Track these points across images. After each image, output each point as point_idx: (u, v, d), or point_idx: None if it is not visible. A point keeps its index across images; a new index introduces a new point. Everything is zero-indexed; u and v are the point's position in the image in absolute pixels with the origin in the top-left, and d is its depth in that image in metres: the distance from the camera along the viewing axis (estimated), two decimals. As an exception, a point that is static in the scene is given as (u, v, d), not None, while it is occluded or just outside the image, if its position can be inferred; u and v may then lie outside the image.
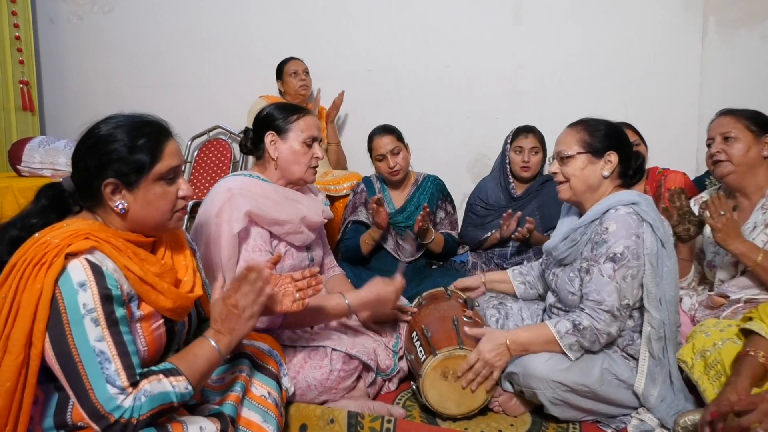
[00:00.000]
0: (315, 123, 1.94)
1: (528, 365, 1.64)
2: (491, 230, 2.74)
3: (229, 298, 1.29)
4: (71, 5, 3.99)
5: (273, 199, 1.84)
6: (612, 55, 3.15)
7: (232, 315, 1.28)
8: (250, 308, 1.30)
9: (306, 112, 1.93)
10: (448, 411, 1.71)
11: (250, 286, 1.30)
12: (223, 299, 1.30)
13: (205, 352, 1.25)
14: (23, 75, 3.75)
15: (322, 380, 1.73)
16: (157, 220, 1.29)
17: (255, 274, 1.30)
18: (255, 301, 1.31)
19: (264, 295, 1.32)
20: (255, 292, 1.30)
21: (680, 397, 1.64)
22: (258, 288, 1.31)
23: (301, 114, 1.90)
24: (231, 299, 1.29)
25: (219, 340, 1.26)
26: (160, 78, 3.90)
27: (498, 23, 3.32)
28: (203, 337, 1.27)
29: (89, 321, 1.10)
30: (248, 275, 1.30)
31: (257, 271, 1.30)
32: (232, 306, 1.28)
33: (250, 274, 1.30)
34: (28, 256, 1.10)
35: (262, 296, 1.32)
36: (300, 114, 1.90)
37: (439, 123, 3.46)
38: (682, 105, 3.07)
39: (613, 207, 1.66)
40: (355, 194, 2.80)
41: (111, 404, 1.08)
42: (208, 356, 1.24)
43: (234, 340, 1.29)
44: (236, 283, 1.30)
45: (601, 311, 1.61)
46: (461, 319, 1.81)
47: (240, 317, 1.29)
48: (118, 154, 1.21)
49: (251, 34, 3.70)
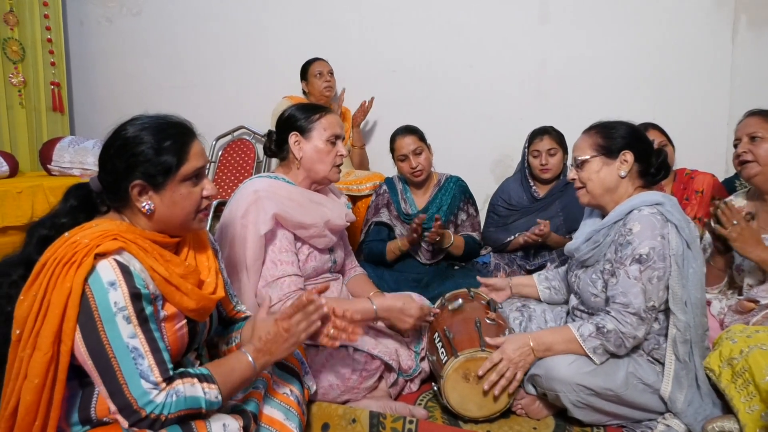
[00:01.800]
0: (337, 121, 1.95)
1: (551, 368, 1.62)
2: (514, 232, 2.72)
3: (283, 321, 1.33)
4: (101, 8, 4.07)
5: (298, 202, 1.85)
6: (640, 54, 3.10)
7: (279, 338, 1.32)
8: (296, 336, 1.34)
9: (327, 110, 1.94)
10: (469, 413, 1.70)
11: (304, 317, 1.35)
12: (276, 321, 1.34)
13: (242, 367, 1.28)
14: (54, 76, 3.83)
15: (343, 379, 1.74)
16: (182, 220, 1.31)
17: (313, 307, 1.35)
18: (304, 331, 1.35)
19: (315, 328, 1.37)
20: (307, 323, 1.35)
21: (708, 402, 1.61)
22: (312, 321, 1.36)
23: (323, 113, 1.91)
24: (284, 323, 1.33)
25: (257, 359, 1.30)
26: (187, 79, 3.96)
27: (523, 23, 3.29)
28: (243, 352, 1.30)
29: (121, 318, 1.12)
30: (307, 306, 1.34)
31: (316, 305, 1.35)
32: (283, 330, 1.32)
33: (309, 307, 1.35)
34: (58, 255, 1.12)
35: (312, 328, 1.36)
36: (322, 113, 1.91)
37: (462, 123, 3.45)
38: (712, 105, 3.01)
39: (637, 208, 1.64)
40: (378, 195, 2.80)
41: (144, 399, 1.11)
42: (243, 371, 1.28)
43: (271, 361, 1.33)
44: (292, 310, 1.34)
45: (627, 314, 1.58)
46: (484, 320, 1.80)
47: (285, 342, 1.33)
48: (145, 156, 1.23)
49: (276, 35, 3.73)
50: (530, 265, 2.65)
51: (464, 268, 2.70)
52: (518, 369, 1.65)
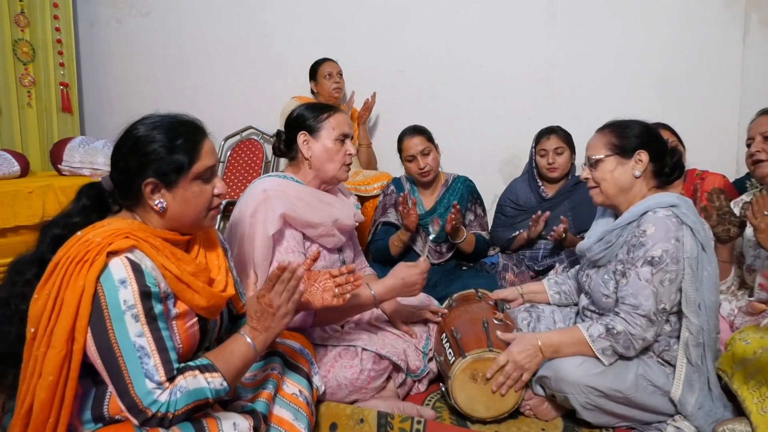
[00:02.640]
0: (346, 120, 1.95)
1: (560, 369, 1.61)
2: (518, 230, 2.72)
3: (263, 297, 1.31)
4: (110, 9, 4.09)
5: (307, 202, 1.85)
6: (649, 54, 3.08)
7: (266, 313, 1.30)
8: (284, 306, 1.31)
9: (336, 109, 1.94)
10: (477, 414, 1.70)
11: (283, 285, 1.31)
12: (258, 298, 1.32)
13: (241, 348, 1.27)
14: (63, 77, 3.85)
15: (352, 380, 1.74)
16: (194, 218, 1.32)
17: (288, 274, 1.31)
18: (289, 300, 1.32)
19: (298, 293, 1.33)
20: (289, 291, 1.32)
21: (719, 405, 1.60)
22: (291, 287, 1.32)
23: (331, 112, 1.92)
24: (265, 298, 1.31)
25: (255, 338, 1.28)
26: (195, 79, 3.97)
27: (531, 23, 3.28)
28: (239, 334, 1.29)
29: (129, 317, 1.13)
30: (281, 275, 1.31)
31: (290, 270, 1.31)
32: (266, 305, 1.30)
33: (284, 274, 1.31)
34: (71, 254, 1.13)
35: (296, 294, 1.33)
36: (330, 112, 1.91)
37: (470, 124, 3.44)
38: (723, 105, 2.98)
39: (652, 209, 1.62)
40: (385, 195, 2.80)
41: (148, 399, 1.11)
42: (243, 353, 1.26)
43: (269, 337, 1.31)
44: (269, 283, 1.32)
45: (637, 316, 1.58)
46: (491, 321, 1.80)
47: (274, 315, 1.30)
48: (157, 154, 1.24)
49: (284, 35, 3.74)
50: (539, 266, 2.64)
51: (472, 269, 2.70)
52: (524, 370, 1.65)
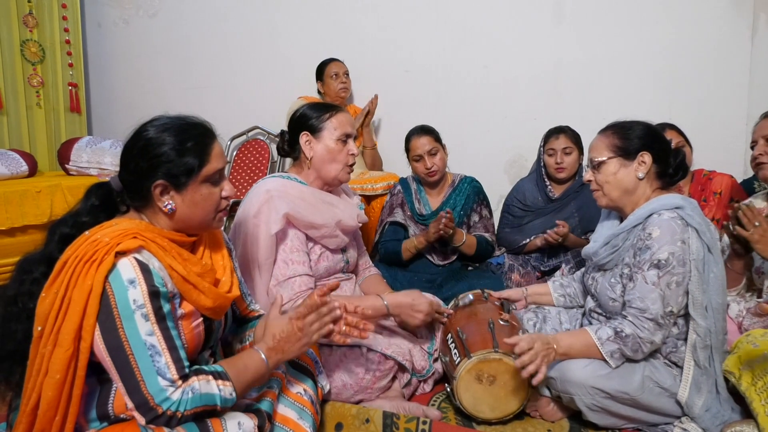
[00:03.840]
0: (348, 120, 1.94)
1: (566, 370, 1.61)
2: (529, 233, 2.71)
3: (297, 320, 1.34)
4: (117, 10, 4.11)
5: (310, 202, 1.86)
6: (656, 54, 3.07)
7: (292, 336, 1.33)
8: (309, 337, 1.35)
9: (339, 109, 1.93)
10: (482, 415, 1.70)
11: (318, 317, 1.35)
12: (290, 320, 1.34)
13: (255, 364, 1.29)
14: (72, 77, 3.88)
15: (357, 379, 1.74)
16: (202, 220, 1.32)
17: (326, 309, 1.36)
18: (316, 332, 1.36)
19: (327, 330, 1.37)
20: (320, 324, 1.36)
21: (726, 408, 1.59)
22: (325, 322, 1.36)
23: (333, 112, 1.91)
24: (299, 322, 1.33)
25: (270, 357, 1.31)
26: (202, 79, 3.99)
27: (538, 23, 3.27)
28: (255, 350, 1.31)
29: (139, 316, 1.14)
30: (321, 308, 1.35)
31: (330, 307, 1.36)
32: (297, 329, 1.33)
33: (323, 308, 1.35)
34: (79, 253, 1.14)
35: (324, 330, 1.37)
36: (333, 112, 1.91)
37: (476, 124, 3.43)
38: (730, 105, 2.97)
39: (656, 211, 1.61)
40: (392, 195, 2.80)
41: (161, 396, 1.12)
42: (256, 369, 1.29)
43: (283, 359, 1.34)
44: (306, 310, 1.35)
45: (644, 319, 1.57)
46: (497, 322, 1.79)
47: (298, 341, 1.34)
48: (167, 157, 1.24)
49: (290, 35, 3.75)
50: (544, 267, 2.64)
51: (478, 269, 2.69)
52: (543, 362, 1.54)
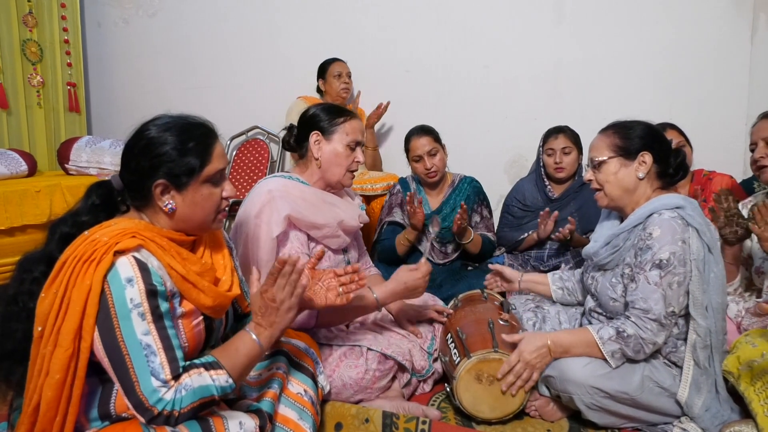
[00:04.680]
0: (360, 127, 1.95)
1: (565, 370, 1.61)
2: (528, 231, 2.71)
3: (266, 292, 1.30)
4: (117, 9, 4.11)
5: (312, 203, 1.86)
6: (656, 54, 3.07)
7: (270, 309, 1.29)
8: (288, 301, 1.30)
9: (353, 116, 1.94)
10: (482, 414, 1.70)
11: (284, 279, 1.30)
12: (261, 293, 1.31)
13: (246, 345, 1.26)
14: (71, 77, 3.87)
15: (357, 379, 1.74)
16: (202, 220, 1.32)
17: (289, 267, 1.30)
18: (292, 293, 1.31)
19: (300, 286, 1.32)
20: (291, 285, 1.30)
21: (726, 408, 1.59)
22: (293, 280, 1.31)
23: (347, 117, 1.92)
24: (268, 293, 1.30)
25: (259, 334, 1.28)
26: (201, 79, 3.99)
27: (538, 23, 3.27)
28: (244, 330, 1.29)
29: (136, 315, 1.13)
30: (283, 268, 1.30)
31: (291, 264, 1.30)
32: (269, 300, 1.29)
33: (285, 267, 1.30)
34: (78, 253, 1.14)
35: (299, 288, 1.32)
36: (346, 117, 1.92)
37: (476, 124, 3.44)
38: (730, 105, 2.97)
39: (657, 211, 1.61)
40: (391, 195, 2.80)
41: (154, 397, 1.12)
42: (248, 350, 1.26)
43: (275, 333, 1.30)
44: (271, 278, 1.31)
45: (648, 320, 1.56)
46: (497, 322, 1.80)
47: (278, 310, 1.29)
48: (169, 156, 1.24)
49: (290, 35, 3.75)
50: (544, 266, 2.64)
51: (477, 269, 2.69)
52: (534, 370, 1.64)
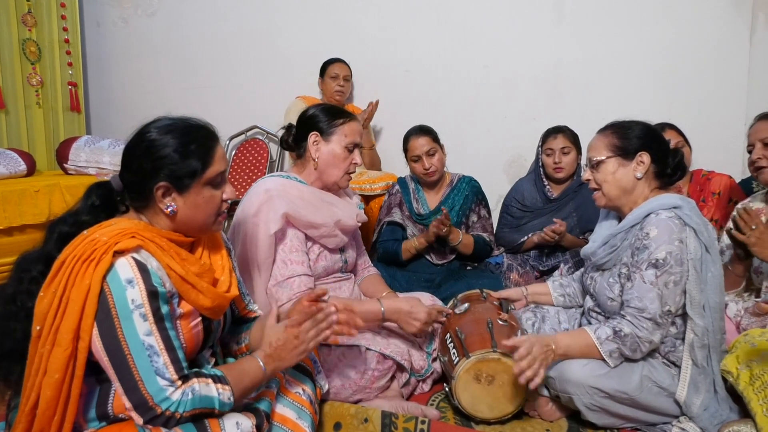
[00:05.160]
0: (359, 129, 1.96)
1: (565, 370, 1.61)
2: (527, 233, 2.71)
3: (293, 328, 1.34)
4: (116, 9, 4.11)
5: (309, 202, 1.86)
6: (656, 54, 3.07)
7: (288, 344, 1.33)
8: (306, 344, 1.35)
9: (352, 117, 1.95)
10: (480, 414, 1.70)
11: (313, 324, 1.36)
12: (286, 328, 1.35)
13: (253, 371, 1.30)
14: (71, 76, 3.87)
15: (356, 379, 1.74)
16: (203, 222, 1.33)
17: (323, 315, 1.36)
18: (313, 339, 1.36)
19: (323, 335, 1.37)
20: (316, 331, 1.36)
21: (724, 407, 1.59)
22: (321, 328, 1.37)
23: (346, 119, 1.92)
24: (294, 330, 1.34)
25: (267, 364, 1.32)
26: (201, 79, 3.98)
27: (538, 23, 3.27)
28: (253, 357, 1.32)
29: (138, 316, 1.14)
30: (316, 315, 1.36)
31: (325, 314, 1.36)
32: (293, 336, 1.33)
33: (318, 315, 1.36)
34: (77, 252, 1.14)
35: (321, 337, 1.37)
36: (345, 119, 1.92)
37: (476, 124, 3.43)
38: (729, 105, 2.97)
39: (654, 211, 1.61)
40: (390, 195, 2.80)
41: (160, 396, 1.12)
42: (254, 375, 1.30)
43: (280, 367, 1.35)
44: (302, 318, 1.35)
45: (643, 319, 1.57)
46: (496, 321, 1.80)
47: (295, 349, 1.34)
48: (171, 159, 1.24)
49: (289, 35, 3.75)
50: (543, 266, 2.64)
51: (476, 269, 2.69)
52: (542, 366, 1.56)
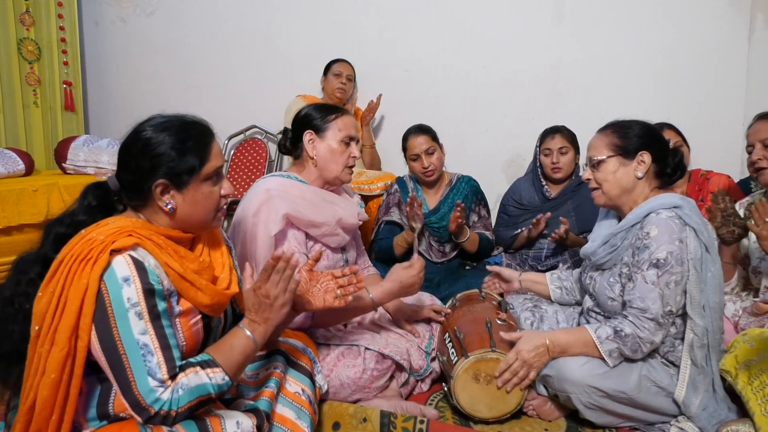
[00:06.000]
0: (352, 122, 1.96)
1: (563, 369, 1.61)
2: (520, 228, 2.72)
3: (260, 288, 1.30)
4: (115, 8, 4.10)
5: (310, 201, 1.86)
6: (654, 54, 3.07)
7: (263, 305, 1.30)
8: (282, 296, 1.31)
9: (344, 111, 1.95)
10: (479, 414, 1.70)
11: (278, 275, 1.31)
12: (254, 289, 1.32)
13: (241, 342, 1.27)
14: (67, 76, 3.87)
15: (355, 379, 1.74)
16: (202, 219, 1.32)
17: (283, 263, 1.31)
18: (286, 289, 1.31)
19: (294, 282, 1.32)
20: (285, 281, 1.31)
21: (723, 407, 1.59)
22: (287, 276, 1.31)
23: (339, 113, 1.93)
24: (261, 289, 1.30)
25: (254, 330, 1.28)
26: (199, 78, 3.98)
27: (537, 23, 3.27)
28: (238, 327, 1.29)
29: (133, 314, 1.13)
30: (276, 264, 1.30)
31: (285, 260, 1.31)
32: (263, 296, 1.30)
33: (279, 263, 1.30)
34: (74, 252, 1.13)
35: (292, 283, 1.32)
36: (338, 113, 1.92)
37: (475, 123, 3.44)
38: (727, 105, 2.98)
39: (655, 211, 1.61)
40: (389, 194, 2.80)
41: (151, 397, 1.11)
42: (243, 346, 1.26)
43: (269, 328, 1.30)
44: (265, 274, 1.31)
45: (645, 319, 1.57)
46: (494, 321, 1.80)
47: (272, 306, 1.30)
48: (169, 156, 1.24)
49: (288, 34, 3.75)
50: (542, 266, 2.64)
51: (475, 268, 2.69)
52: (532, 369, 1.64)
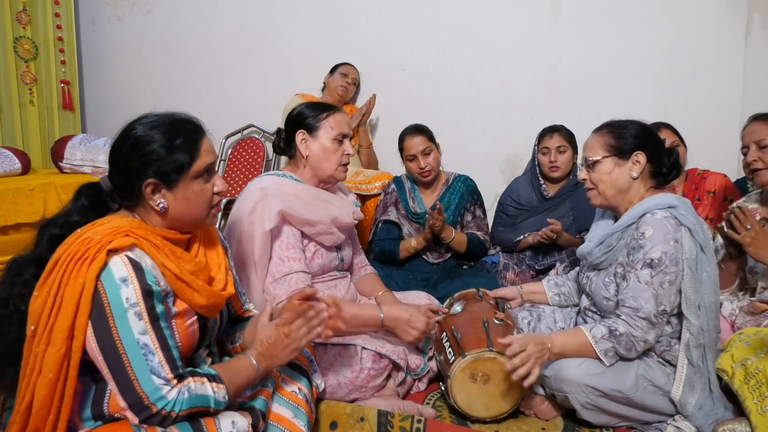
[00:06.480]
0: (345, 120, 1.95)
1: (560, 369, 1.61)
2: (523, 232, 2.71)
3: (284, 326, 1.34)
4: (112, 7, 4.09)
5: (305, 200, 1.86)
6: (652, 53, 3.07)
7: (279, 342, 1.33)
8: (298, 342, 1.35)
9: (336, 109, 1.95)
10: (476, 413, 1.70)
11: (305, 322, 1.36)
12: (276, 325, 1.35)
13: (247, 369, 1.30)
14: (64, 74, 3.86)
15: (352, 378, 1.74)
16: (195, 217, 1.32)
17: (314, 313, 1.36)
18: (304, 337, 1.36)
19: (315, 334, 1.37)
20: (308, 329, 1.36)
21: (719, 406, 1.60)
22: (312, 326, 1.36)
23: (330, 111, 1.92)
24: (285, 328, 1.34)
25: (260, 362, 1.32)
26: (197, 77, 3.97)
27: (535, 23, 3.27)
28: (246, 355, 1.32)
29: (132, 315, 1.13)
30: (307, 312, 1.35)
31: (316, 312, 1.36)
32: (284, 334, 1.33)
33: (309, 312, 1.35)
34: (70, 251, 1.13)
35: (312, 335, 1.37)
36: (330, 111, 1.92)
37: (472, 123, 3.43)
38: (725, 104, 2.97)
39: (650, 211, 1.62)
40: (386, 194, 2.80)
41: (156, 394, 1.12)
42: (247, 373, 1.30)
43: (272, 365, 1.34)
44: (293, 315, 1.35)
45: (638, 318, 1.57)
46: (492, 321, 1.80)
47: (286, 347, 1.34)
48: (157, 154, 1.24)
49: (286, 33, 3.74)
50: (539, 265, 2.64)
51: (473, 268, 2.69)
52: (536, 364, 1.56)
